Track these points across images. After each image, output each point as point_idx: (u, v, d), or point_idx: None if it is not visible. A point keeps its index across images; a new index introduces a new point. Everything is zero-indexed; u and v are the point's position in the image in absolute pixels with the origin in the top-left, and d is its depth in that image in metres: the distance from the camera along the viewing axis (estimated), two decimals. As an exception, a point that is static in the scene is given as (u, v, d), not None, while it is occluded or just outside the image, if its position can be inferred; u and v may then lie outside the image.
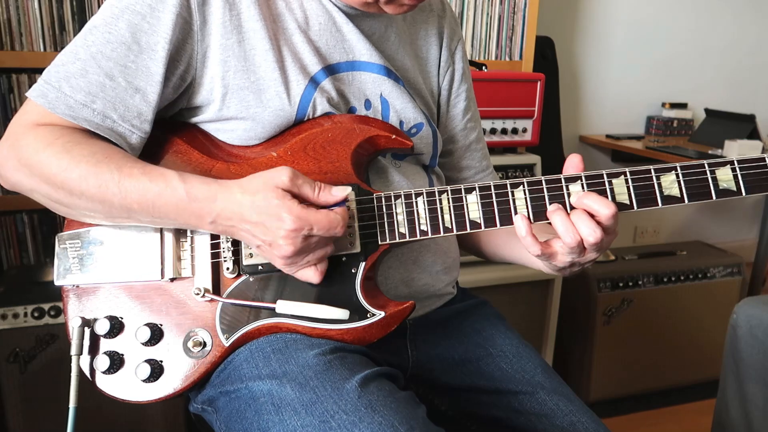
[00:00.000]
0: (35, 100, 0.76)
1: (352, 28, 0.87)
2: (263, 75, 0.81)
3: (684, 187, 0.77)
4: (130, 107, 0.77)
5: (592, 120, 2.86)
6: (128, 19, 0.76)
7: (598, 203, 0.75)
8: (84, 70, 0.76)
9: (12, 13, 1.73)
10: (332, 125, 0.83)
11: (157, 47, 0.76)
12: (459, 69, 1.02)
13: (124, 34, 0.76)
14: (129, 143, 0.79)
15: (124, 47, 0.76)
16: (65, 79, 0.76)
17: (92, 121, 0.76)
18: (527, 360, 0.94)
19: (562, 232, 0.75)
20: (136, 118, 0.78)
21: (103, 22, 0.77)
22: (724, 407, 1.44)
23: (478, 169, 1.07)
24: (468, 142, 1.05)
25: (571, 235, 0.75)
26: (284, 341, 0.80)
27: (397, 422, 0.68)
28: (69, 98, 0.75)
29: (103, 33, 0.76)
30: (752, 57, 3.06)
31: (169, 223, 0.77)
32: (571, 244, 0.75)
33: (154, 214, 0.75)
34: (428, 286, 0.93)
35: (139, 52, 0.76)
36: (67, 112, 0.75)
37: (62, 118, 0.76)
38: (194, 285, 0.80)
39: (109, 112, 0.76)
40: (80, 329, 0.80)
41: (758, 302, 1.40)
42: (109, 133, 0.77)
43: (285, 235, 0.71)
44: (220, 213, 0.73)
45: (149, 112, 0.78)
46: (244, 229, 0.73)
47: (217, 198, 0.73)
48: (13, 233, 1.87)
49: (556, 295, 1.96)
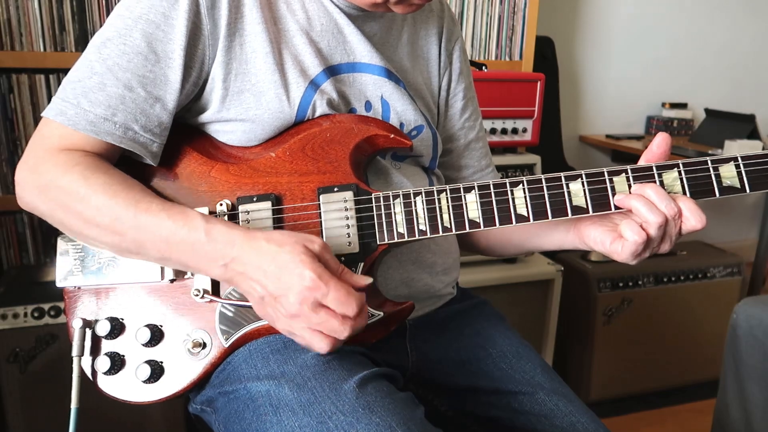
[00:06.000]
0: (54, 119, 0.75)
1: (353, 29, 0.87)
2: (263, 78, 0.81)
3: (687, 185, 0.77)
4: (151, 117, 0.77)
5: (592, 120, 2.86)
6: (143, 29, 0.76)
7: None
8: (102, 84, 0.75)
9: (12, 13, 1.73)
10: (331, 125, 0.83)
11: (173, 55, 0.76)
12: (456, 69, 1.02)
13: (140, 44, 0.76)
14: (151, 152, 0.79)
15: (141, 57, 0.76)
16: (83, 95, 0.75)
17: (114, 134, 0.76)
18: (527, 360, 0.94)
19: (645, 212, 0.75)
20: (157, 128, 0.78)
21: (116, 33, 0.76)
22: (724, 407, 1.44)
23: (477, 168, 1.06)
24: (467, 141, 1.05)
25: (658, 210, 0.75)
26: (283, 342, 0.80)
27: (394, 423, 0.68)
28: (89, 113, 0.75)
29: (118, 45, 0.76)
30: (752, 57, 3.06)
31: (176, 263, 0.75)
32: (659, 221, 0.75)
33: (165, 252, 0.73)
34: (428, 286, 0.93)
35: (156, 61, 0.76)
36: (88, 127, 0.75)
37: (84, 134, 0.75)
38: (194, 286, 0.80)
39: (130, 124, 0.76)
40: (81, 330, 0.81)
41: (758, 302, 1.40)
42: (131, 145, 0.77)
43: (299, 291, 0.67)
44: (236, 258, 0.70)
45: (169, 120, 0.79)
46: (254, 278, 0.70)
47: (236, 243, 0.71)
48: (13, 233, 1.87)
49: (556, 295, 1.96)
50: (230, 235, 0.71)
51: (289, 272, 0.68)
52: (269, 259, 0.69)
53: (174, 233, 0.72)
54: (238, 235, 0.71)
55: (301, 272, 0.67)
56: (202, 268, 0.73)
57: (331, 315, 0.68)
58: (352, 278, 0.71)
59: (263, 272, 0.69)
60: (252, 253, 0.70)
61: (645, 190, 0.76)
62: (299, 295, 0.67)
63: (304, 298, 0.67)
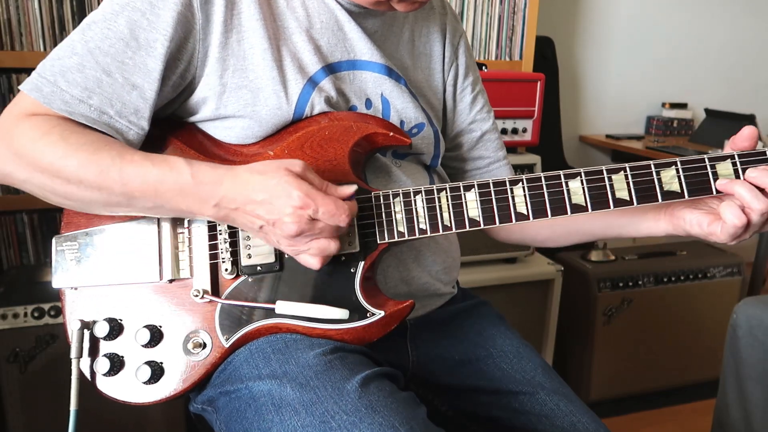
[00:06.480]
0: (29, 94, 0.75)
1: (354, 26, 0.87)
2: (261, 74, 0.81)
3: (684, 182, 0.76)
4: (127, 104, 0.77)
5: (592, 120, 2.86)
6: (128, 16, 0.76)
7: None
8: (81, 65, 0.75)
9: (12, 13, 1.73)
10: (329, 123, 0.83)
11: (155, 44, 0.76)
12: (462, 63, 1.02)
13: (123, 31, 0.76)
14: (126, 139, 0.78)
15: (122, 43, 0.76)
16: (61, 74, 0.75)
17: (89, 116, 0.76)
18: (527, 360, 0.94)
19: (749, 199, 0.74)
20: (133, 115, 0.78)
21: (102, 17, 0.77)
22: (724, 407, 1.44)
23: (494, 158, 1.05)
24: (482, 132, 1.04)
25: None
26: (284, 341, 0.80)
27: (397, 423, 0.68)
28: (65, 93, 0.75)
29: (102, 29, 0.76)
30: (752, 57, 3.06)
31: (169, 209, 0.75)
32: (763, 209, 0.73)
33: (156, 200, 0.74)
34: (428, 285, 0.93)
35: (137, 49, 0.76)
36: (63, 107, 0.75)
37: (57, 112, 0.75)
38: (193, 286, 0.80)
39: (105, 108, 0.76)
40: (80, 332, 0.80)
41: (758, 302, 1.40)
42: (106, 128, 0.77)
43: (291, 212, 0.70)
44: (225, 195, 0.72)
45: (146, 109, 0.78)
46: (248, 210, 0.72)
47: (223, 181, 0.72)
48: (13, 233, 1.87)
49: (556, 295, 1.96)
50: (215, 174, 0.73)
51: (278, 196, 0.70)
52: (257, 188, 0.71)
53: (162, 180, 0.72)
54: (222, 173, 0.73)
55: (289, 193, 0.70)
56: (195, 210, 0.74)
57: (326, 230, 0.73)
58: (337, 191, 0.74)
59: (255, 203, 0.71)
60: (240, 187, 0.72)
61: (751, 174, 0.75)
62: (293, 216, 0.70)
63: (298, 217, 0.70)
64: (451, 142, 1.04)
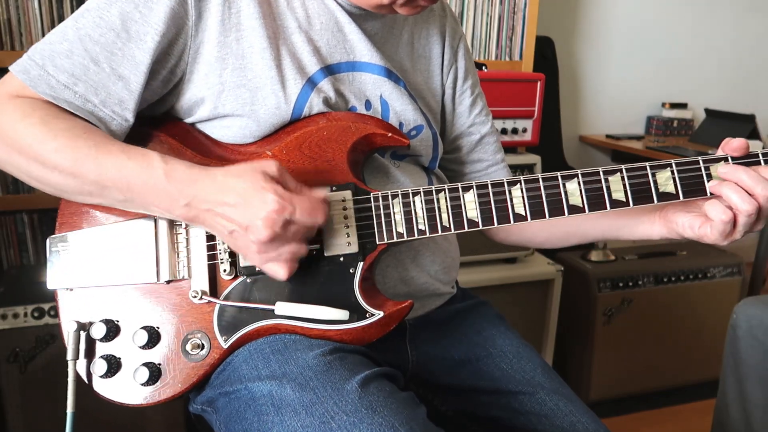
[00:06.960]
0: (17, 75, 0.76)
1: (354, 28, 0.87)
2: (259, 73, 0.81)
3: (679, 184, 0.77)
4: (112, 93, 0.77)
5: (592, 120, 2.86)
6: (121, 7, 0.76)
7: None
8: (70, 51, 0.76)
9: (12, 13, 1.73)
10: (328, 123, 0.83)
11: (146, 37, 0.76)
12: (462, 66, 1.02)
13: (115, 21, 0.76)
14: (109, 129, 0.78)
15: (113, 33, 0.76)
16: (50, 58, 0.76)
17: (73, 103, 0.76)
18: (527, 360, 0.94)
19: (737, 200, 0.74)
20: (117, 105, 0.78)
21: (96, 6, 0.77)
22: (724, 407, 1.44)
23: (492, 161, 1.05)
24: (481, 136, 1.04)
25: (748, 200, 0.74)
26: (283, 342, 0.80)
27: (397, 423, 0.68)
28: (51, 78, 0.75)
29: (94, 17, 0.76)
30: (752, 57, 3.06)
31: (139, 204, 0.75)
32: (749, 210, 0.74)
33: (127, 193, 0.73)
34: (427, 285, 0.93)
35: (127, 40, 0.76)
36: (47, 91, 0.75)
37: (42, 96, 0.75)
38: (191, 287, 0.80)
39: (90, 96, 0.76)
40: (76, 333, 0.80)
41: (758, 302, 1.40)
42: (90, 116, 0.77)
43: (266, 216, 0.68)
44: (197, 195, 0.71)
45: (131, 100, 0.78)
46: (219, 213, 0.71)
47: (197, 181, 0.72)
48: (13, 233, 1.87)
49: (556, 295, 1.96)
50: (189, 173, 0.72)
51: (252, 198, 0.69)
52: (231, 191, 0.70)
53: (136, 175, 0.72)
54: (197, 173, 0.72)
55: (264, 197, 0.69)
56: (164, 207, 0.74)
57: (300, 233, 0.72)
58: (311, 193, 0.74)
59: (228, 205, 0.70)
60: (213, 188, 0.71)
61: (737, 174, 0.75)
62: (267, 221, 0.69)
63: (272, 222, 0.69)
64: (450, 145, 1.04)
